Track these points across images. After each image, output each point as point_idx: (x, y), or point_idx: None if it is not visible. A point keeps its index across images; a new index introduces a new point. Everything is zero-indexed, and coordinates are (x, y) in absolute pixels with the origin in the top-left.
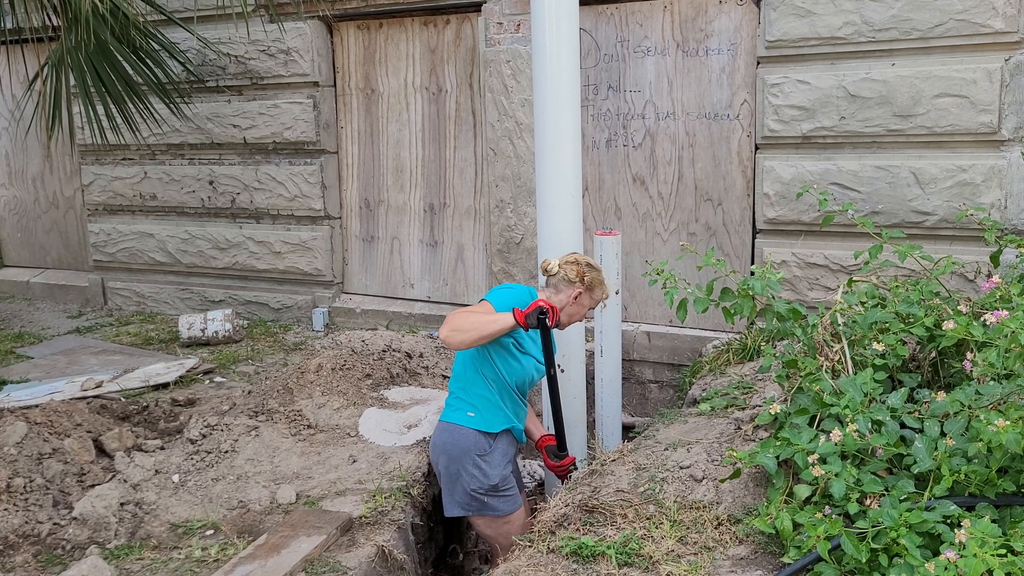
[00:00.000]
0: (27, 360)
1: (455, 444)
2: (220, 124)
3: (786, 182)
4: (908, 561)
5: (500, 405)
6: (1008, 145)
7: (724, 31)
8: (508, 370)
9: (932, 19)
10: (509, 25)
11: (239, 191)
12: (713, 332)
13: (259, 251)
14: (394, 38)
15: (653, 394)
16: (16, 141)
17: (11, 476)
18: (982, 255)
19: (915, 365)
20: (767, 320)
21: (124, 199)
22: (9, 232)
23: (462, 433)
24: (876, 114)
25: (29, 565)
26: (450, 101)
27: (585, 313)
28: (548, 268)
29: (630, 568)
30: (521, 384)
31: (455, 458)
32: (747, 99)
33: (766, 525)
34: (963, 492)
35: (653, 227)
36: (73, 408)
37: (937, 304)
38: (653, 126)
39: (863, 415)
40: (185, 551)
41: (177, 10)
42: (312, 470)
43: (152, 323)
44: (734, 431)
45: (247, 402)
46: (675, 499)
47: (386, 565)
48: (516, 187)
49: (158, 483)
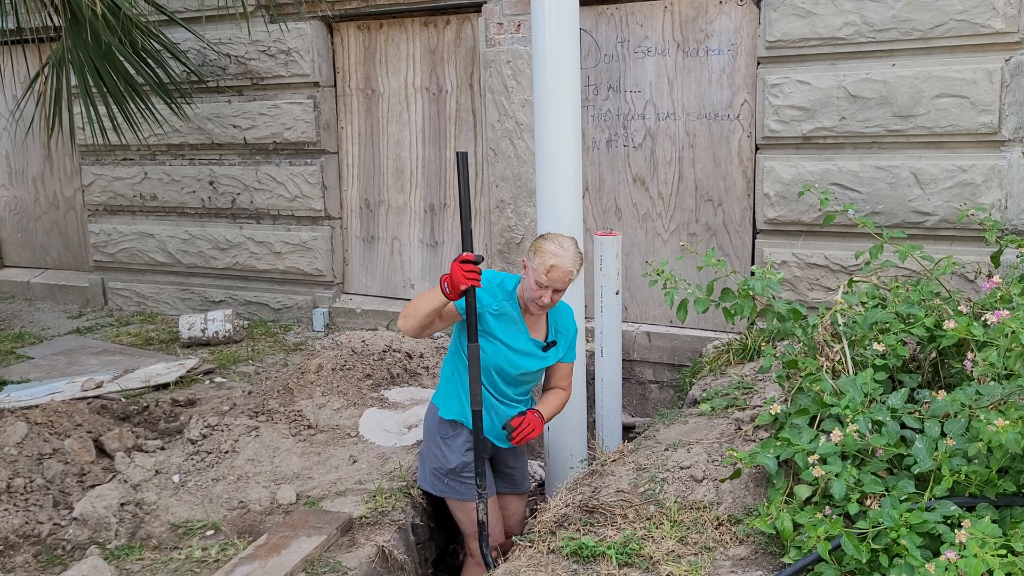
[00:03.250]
0: (27, 360)
1: (426, 422)
2: (220, 124)
3: (786, 182)
4: (908, 561)
5: (458, 394)
6: (1008, 145)
7: (724, 31)
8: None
9: (932, 19)
10: (509, 25)
11: (239, 191)
12: (713, 332)
13: (259, 251)
14: (394, 38)
15: (653, 394)
16: (16, 141)
17: (11, 476)
18: (982, 255)
19: (915, 365)
20: (767, 320)
21: (124, 199)
22: (9, 232)
23: (431, 412)
24: (876, 114)
25: (29, 565)
26: (450, 101)
27: (536, 287)
28: None
29: (630, 568)
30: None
31: (425, 435)
32: (747, 99)
33: (766, 525)
34: (963, 492)
35: (653, 227)
36: (73, 408)
37: (937, 304)
38: (653, 126)
39: (863, 415)
40: (185, 551)
41: (178, 10)
42: (312, 470)
43: (152, 323)
44: (734, 431)
45: (247, 402)
46: (675, 499)
47: (386, 565)
48: (516, 187)
49: (158, 483)
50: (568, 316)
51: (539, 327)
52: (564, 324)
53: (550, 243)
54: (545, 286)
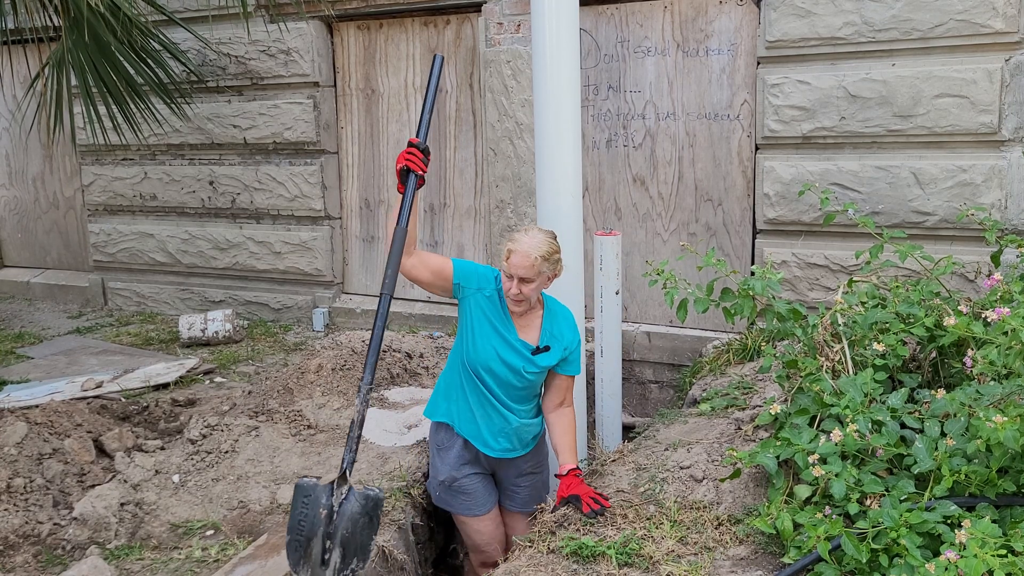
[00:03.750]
0: (27, 360)
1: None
2: (220, 124)
3: (786, 182)
4: (908, 561)
5: (446, 394)
6: (1008, 145)
7: (724, 31)
8: (460, 345)
9: (932, 19)
10: (509, 25)
11: (239, 191)
12: (713, 332)
13: (259, 251)
14: (394, 38)
15: (653, 394)
16: (16, 141)
17: (11, 476)
18: (982, 255)
19: (915, 365)
20: (767, 320)
21: (124, 199)
22: (9, 232)
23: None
24: (876, 114)
25: (29, 565)
26: (450, 101)
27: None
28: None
29: (630, 568)
30: (475, 369)
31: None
32: (747, 99)
33: (766, 525)
34: (963, 492)
35: (653, 227)
36: (73, 408)
37: (937, 304)
38: (653, 126)
39: (863, 415)
40: (185, 551)
41: (178, 10)
42: (312, 470)
43: (152, 323)
44: (734, 431)
45: (247, 402)
46: (675, 499)
47: (386, 565)
48: (516, 187)
49: (158, 483)
50: (566, 322)
51: (531, 329)
52: (560, 329)
53: (518, 232)
54: (509, 275)
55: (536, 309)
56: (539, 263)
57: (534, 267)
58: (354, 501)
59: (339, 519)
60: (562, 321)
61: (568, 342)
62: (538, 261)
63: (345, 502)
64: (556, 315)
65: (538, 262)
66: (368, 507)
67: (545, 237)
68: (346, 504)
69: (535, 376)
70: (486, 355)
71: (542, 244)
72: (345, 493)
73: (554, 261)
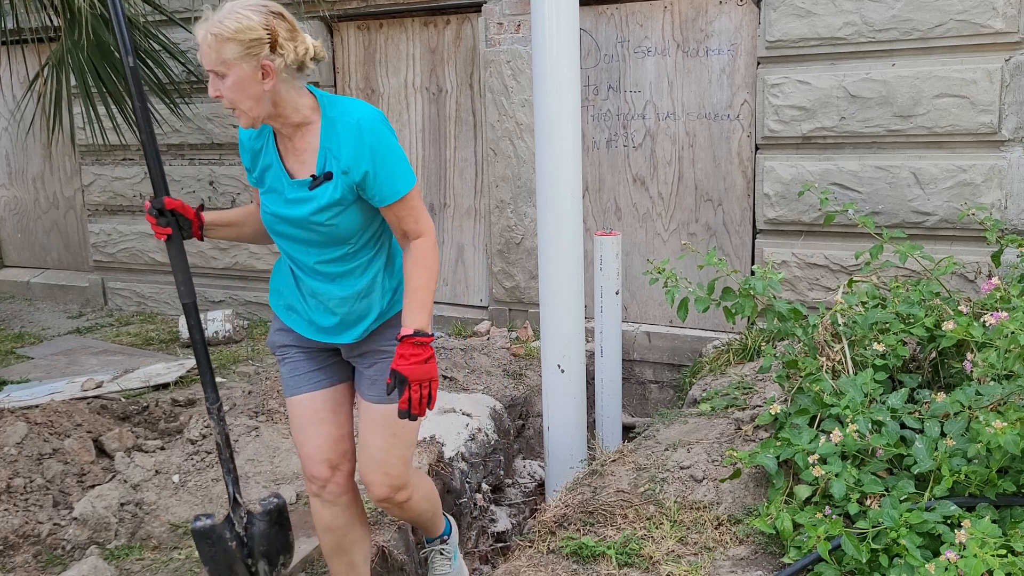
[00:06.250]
0: (27, 360)
1: None
2: (220, 124)
3: (786, 182)
4: (908, 561)
5: (274, 283)
6: (1008, 145)
7: (724, 31)
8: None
9: (932, 19)
10: (509, 25)
11: (239, 191)
12: (713, 332)
13: (259, 251)
14: (394, 38)
15: (653, 394)
16: (16, 141)
17: (11, 476)
18: (983, 255)
19: (915, 365)
20: (768, 320)
21: (124, 199)
22: (9, 232)
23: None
24: (876, 114)
25: (29, 565)
26: (450, 101)
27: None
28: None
29: (630, 568)
30: (278, 242)
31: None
32: (747, 99)
33: (766, 525)
34: (963, 492)
35: (653, 227)
36: (73, 408)
37: (937, 304)
38: (653, 126)
39: (863, 415)
40: (185, 551)
41: (177, 10)
42: None
43: (152, 323)
44: (734, 431)
45: (247, 402)
46: (675, 499)
47: (386, 565)
48: (516, 187)
49: (158, 483)
50: (347, 129)
51: (307, 154)
52: (337, 144)
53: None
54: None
55: (309, 124)
56: (221, 46)
57: (214, 52)
58: (258, 522)
59: (251, 541)
60: (342, 129)
61: (346, 158)
62: (216, 43)
63: (249, 526)
64: (335, 123)
65: (216, 44)
66: (273, 518)
67: (241, 6)
68: (251, 528)
69: (329, 220)
70: (273, 219)
71: (226, 18)
72: (245, 517)
73: (252, 42)
